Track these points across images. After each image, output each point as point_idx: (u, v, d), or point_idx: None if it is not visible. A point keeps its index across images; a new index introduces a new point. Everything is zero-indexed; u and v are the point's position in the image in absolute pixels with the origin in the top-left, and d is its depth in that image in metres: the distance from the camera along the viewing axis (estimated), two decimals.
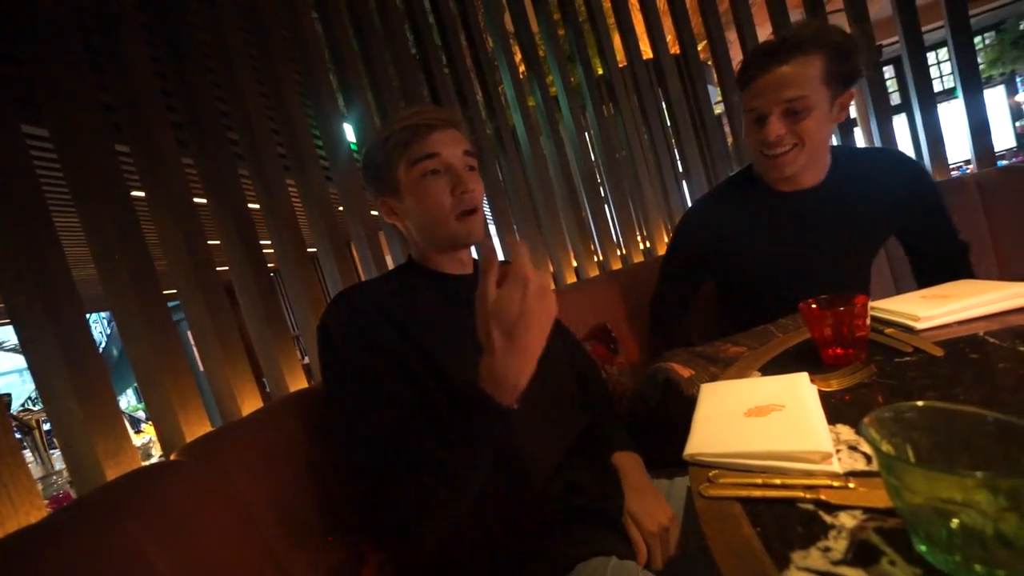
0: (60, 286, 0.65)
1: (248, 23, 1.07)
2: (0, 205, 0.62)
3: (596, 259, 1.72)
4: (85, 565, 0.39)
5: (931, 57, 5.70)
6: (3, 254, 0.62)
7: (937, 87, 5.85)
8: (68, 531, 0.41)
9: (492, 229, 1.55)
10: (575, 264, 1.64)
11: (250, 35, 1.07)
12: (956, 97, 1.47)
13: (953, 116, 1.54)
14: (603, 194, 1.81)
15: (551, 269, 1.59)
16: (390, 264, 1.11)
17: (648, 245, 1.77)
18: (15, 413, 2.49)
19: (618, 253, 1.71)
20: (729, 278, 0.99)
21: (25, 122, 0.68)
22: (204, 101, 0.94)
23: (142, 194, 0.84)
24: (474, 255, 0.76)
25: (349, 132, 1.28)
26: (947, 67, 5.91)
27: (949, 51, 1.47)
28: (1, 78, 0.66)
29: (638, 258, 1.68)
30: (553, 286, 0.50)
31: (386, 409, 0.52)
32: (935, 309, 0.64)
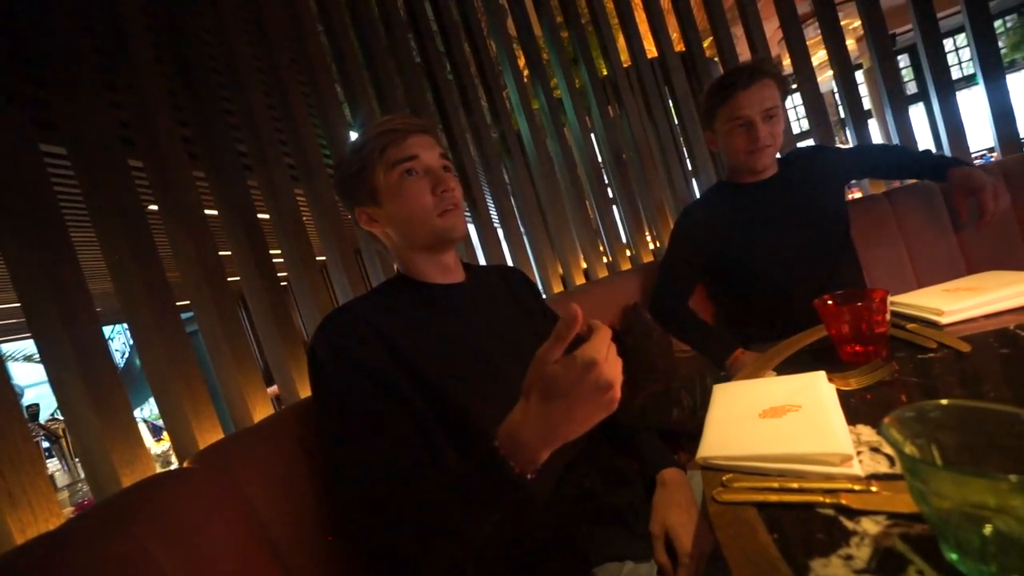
0: (76, 299, 0.67)
1: (255, 37, 1.09)
2: (20, 221, 0.65)
3: (605, 260, 1.71)
4: (98, 570, 0.39)
5: (949, 44, 5.54)
6: (23, 268, 0.65)
7: (956, 74, 5.68)
8: (81, 537, 0.42)
9: (500, 233, 1.55)
10: (584, 266, 1.62)
11: (257, 48, 1.10)
12: (977, 83, 1.42)
13: (975, 103, 1.49)
14: (611, 195, 1.80)
15: (560, 272, 1.58)
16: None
17: (658, 245, 1.75)
18: (43, 423, 2.58)
19: (627, 253, 1.70)
20: (724, 266, 1.11)
21: (42, 141, 0.70)
22: (213, 114, 0.96)
23: (155, 207, 0.87)
24: (481, 259, 0.75)
25: None
26: (966, 53, 5.73)
27: (968, 36, 1.42)
28: (21, 99, 0.68)
29: (648, 258, 1.66)
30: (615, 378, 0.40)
31: (379, 438, 0.51)
32: (961, 302, 0.61)
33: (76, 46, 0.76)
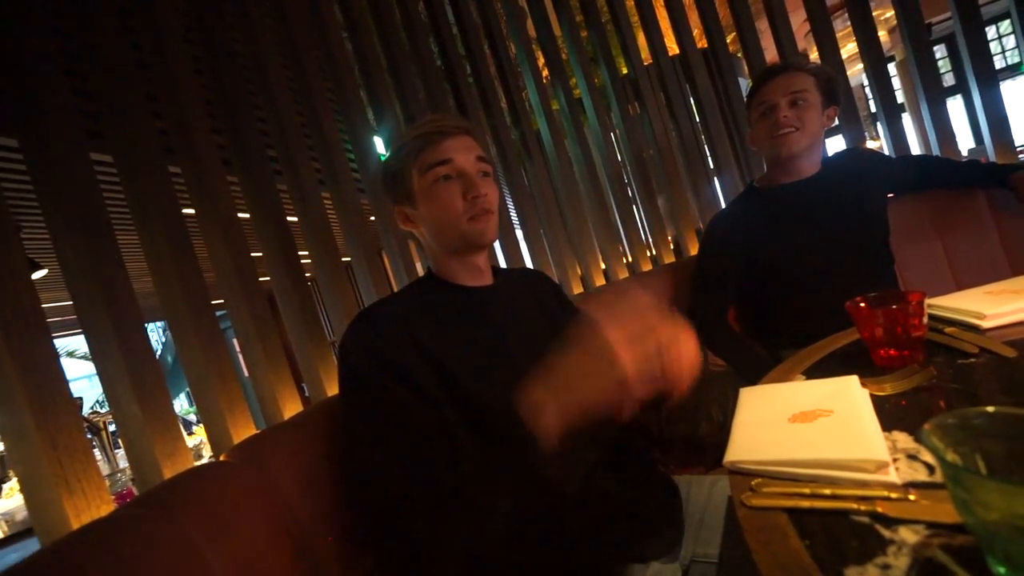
0: (123, 299, 0.71)
1: (283, 47, 1.13)
2: (74, 226, 0.69)
3: (625, 260, 1.69)
4: (147, 555, 0.42)
5: (990, 32, 5.26)
6: (76, 270, 0.69)
7: (999, 64, 5.38)
8: (133, 524, 0.44)
9: (519, 234, 1.55)
10: (603, 266, 1.61)
11: (286, 58, 1.14)
12: (1022, 73, 1.35)
13: (1017, 94, 1.41)
14: (631, 194, 1.78)
15: (579, 272, 1.58)
16: (420, 271, 1.14)
17: (680, 245, 1.72)
18: (85, 415, 2.72)
19: (648, 254, 1.68)
20: (754, 270, 1.06)
21: (92, 150, 0.74)
22: (246, 122, 1.00)
23: (192, 211, 0.91)
24: (501, 261, 0.76)
25: (379, 144, 1.32)
26: (1009, 41, 5.42)
27: (1013, 22, 1.35)
28: (76, 112, 0.72)
29: (669, 258, 1.63)
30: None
31: (405, 438, 0.52)
32: (1004, 306, 0.58)
33: (122, 62, 0.80)
